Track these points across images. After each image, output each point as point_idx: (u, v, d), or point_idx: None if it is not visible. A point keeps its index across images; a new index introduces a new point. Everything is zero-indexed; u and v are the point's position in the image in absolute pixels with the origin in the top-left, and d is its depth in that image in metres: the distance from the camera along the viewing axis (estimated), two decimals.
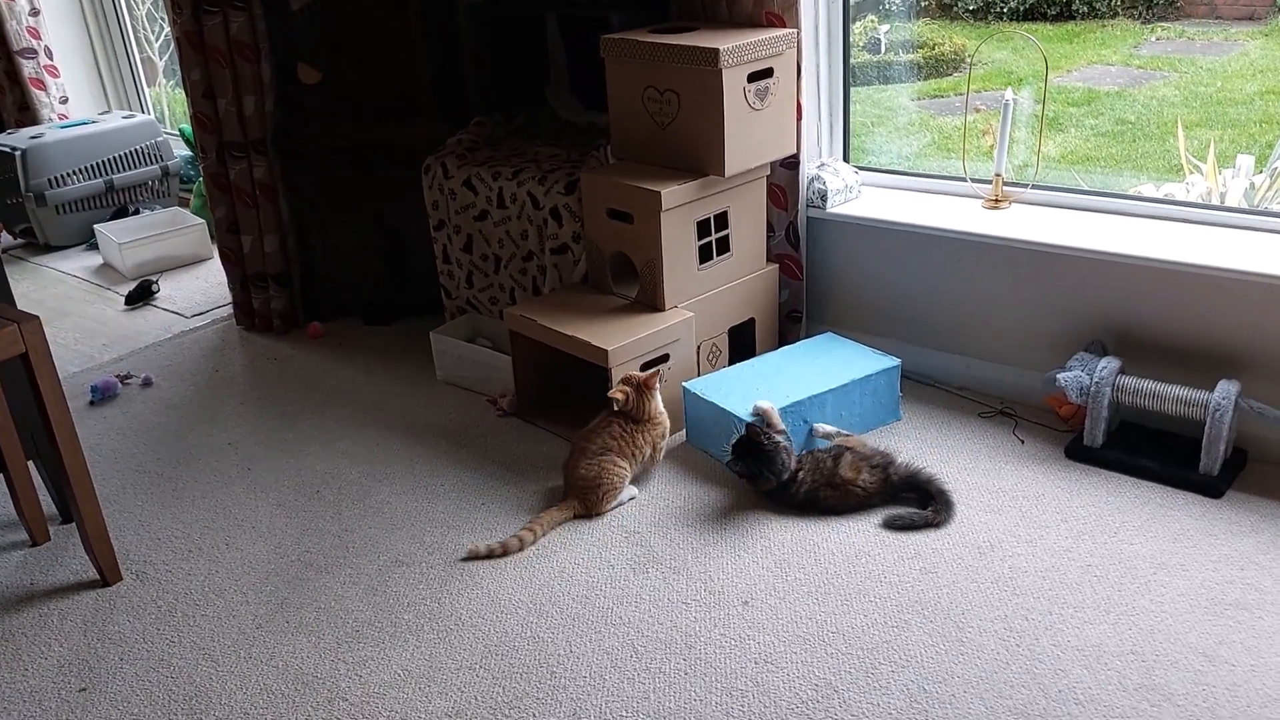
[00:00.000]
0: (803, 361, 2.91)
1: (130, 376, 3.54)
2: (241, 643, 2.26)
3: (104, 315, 4.15)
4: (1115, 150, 3.85)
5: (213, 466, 2.96)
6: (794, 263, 3.16)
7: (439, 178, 3.35)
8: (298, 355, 3.63)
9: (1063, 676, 1.99)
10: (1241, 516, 2.40)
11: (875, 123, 4.29)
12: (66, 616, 2.38)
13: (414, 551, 2.52)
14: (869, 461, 2.54)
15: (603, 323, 2.85)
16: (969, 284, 2.97)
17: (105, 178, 4.98)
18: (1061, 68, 4.14)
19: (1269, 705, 1.89)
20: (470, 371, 3.25)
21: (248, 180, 3.64)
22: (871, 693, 1.99)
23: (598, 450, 2.59)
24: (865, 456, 2.56)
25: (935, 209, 3.03)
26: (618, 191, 2.87)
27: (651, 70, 2.84)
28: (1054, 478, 2.61)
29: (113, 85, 5.85)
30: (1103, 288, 2.75)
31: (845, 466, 2.53)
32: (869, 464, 2.54)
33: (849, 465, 2.53)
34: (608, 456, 2.58)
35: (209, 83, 3.54)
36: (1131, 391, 2.60)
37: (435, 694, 2.07)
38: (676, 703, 2.00)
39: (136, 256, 4.47)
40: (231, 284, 3.85)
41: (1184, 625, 2.09)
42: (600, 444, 2.60)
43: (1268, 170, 3.22)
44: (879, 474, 2.53)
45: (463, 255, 3.41)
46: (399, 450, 2.97)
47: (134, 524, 2.71)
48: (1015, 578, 2.26)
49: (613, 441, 2.60)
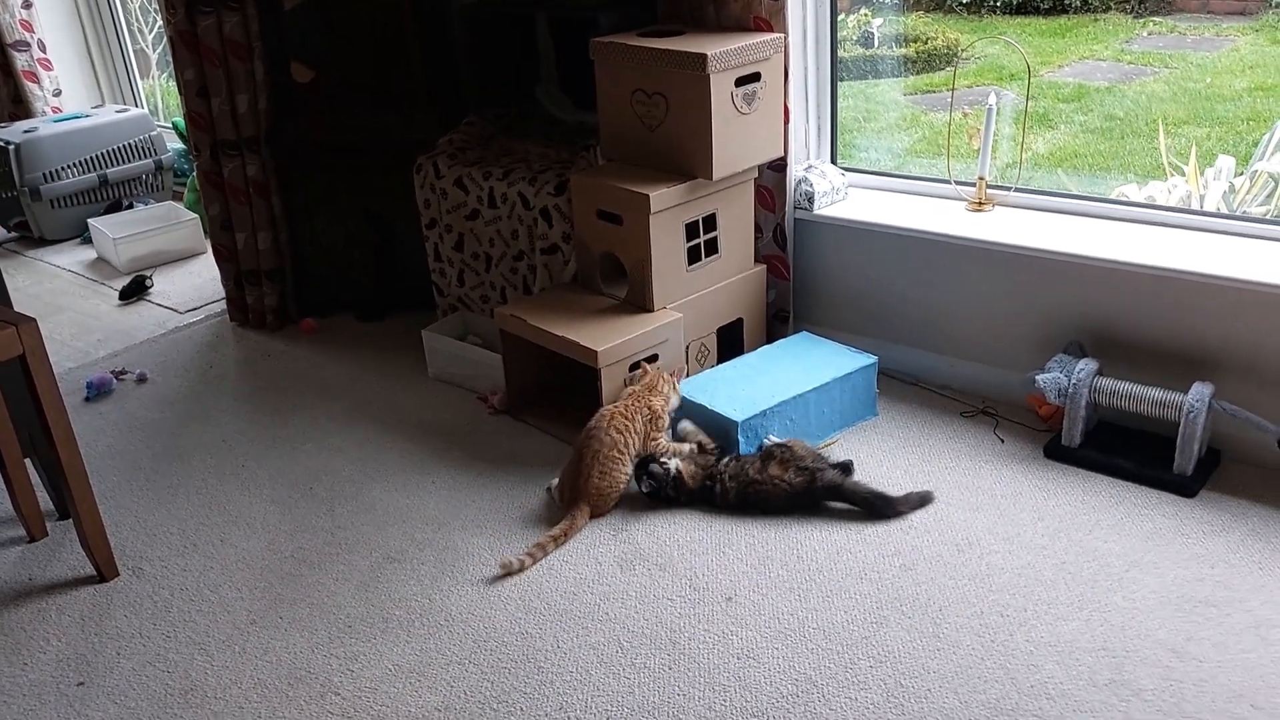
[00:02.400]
0: (782, 361, 2.96)
1: (125, 372, 3.58)
2: (236, 638, 2.31)
3: (99, 310, 4.19)
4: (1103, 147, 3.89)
5: (207, 463, 3.01)
6: (781, 263, 3.21)
7: (430, 177, 3.39)
8: (291, 351, 3.67)
9: (1035, 672, 2.05)
10: (1213, 516, 2.46)
11: (866, 118, 4.33)
12: (64, 612, 2.43)
13: (405, 548, 2.57)
14: (799, 463, 2.59)
15: (592, 323, 2.89)
16: (952, 285, 3.02)
17: (99, 172, 5.01)
18: (1053, 63, 4.18)
19: (1234, 700, 1.95)
20: (461, 369, 3.29)
21: (241, 178, 3.68)
22: (850, 687, 2.04)
23: (606, 457, 2.60)
24: (798, 457, 2.60)
25: (920, 211, 3.08)
26: (607, 193, 2.92)
27: (640, 74, 2.88)
28: (1032, 476, 2.66)
29: (106, 78, 5.87)
30: (1082, 290, 2.80)
31: (774, 464, 2.59)
32: (798, 465, 2.58)
33: (777, 463, 2.59)
34: (615, 461, 2.60)
35: (203, 82, 3.57)
36: (1109, 393, 2.66)
37: (425, 689, 2.12)
38: (661, 697, 2.05)
39: (131, 251, 4.50)
40: (225, 280, 3.88)
41: (1155, 622, 2.15)
42: (606, 448, 2.60)
43: (1248, 173, 3.27)
44: (805, 476, 2.57)
45: (454, 254, 3.45)
46: (391, 447, 3.01)
47: (130, 520, 2.76)
48: (992, 575, 2.32)
49: (619, 437, 2.61)
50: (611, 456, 2.60)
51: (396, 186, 3.53)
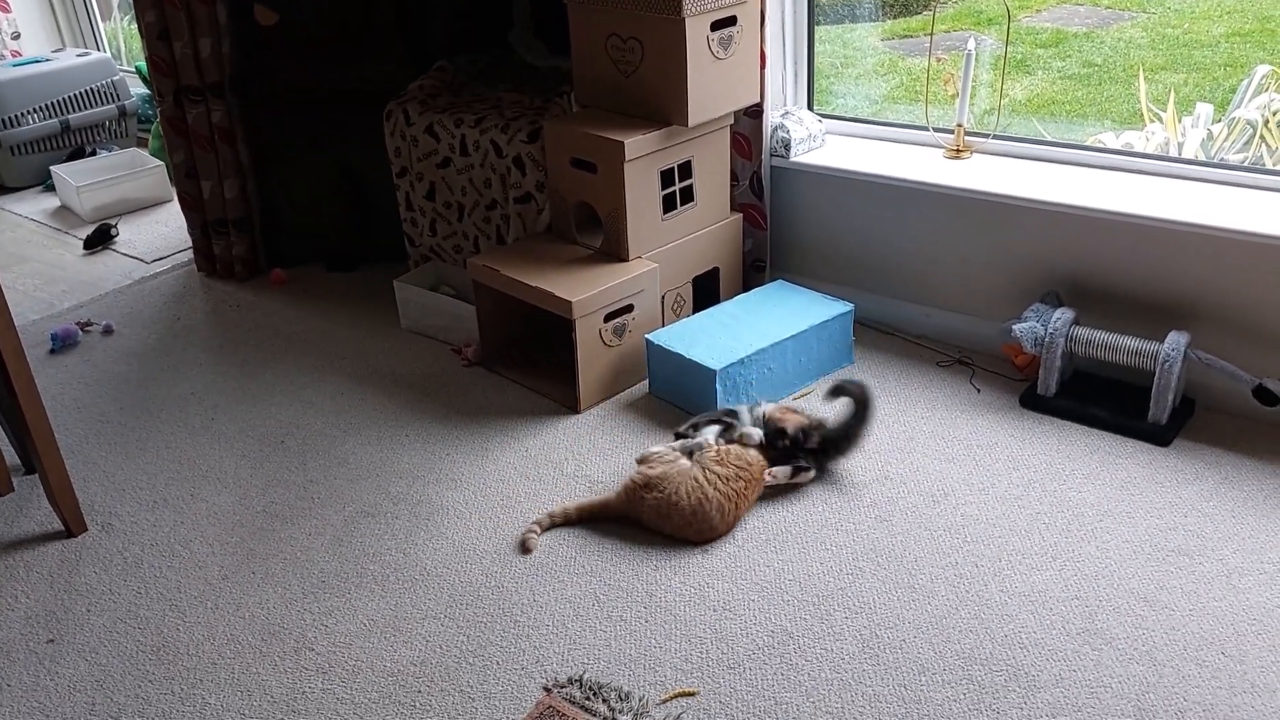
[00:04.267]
0: (759, 310, 2.94)
1: (91, 324, 3.51)
2: (208, 594, 2.28)
3: (63, 260, 4.10)
4: (1081, 94, 3.86)
5: (176, 416, 2.96)
6: (758, 212, 3.17)
7: (400, 125, 3.32)
8: (260, 302, 3.62)
9: (1009, 621, 2.06)
10: (1187, 464, 2.48)
11: (844, 64, 4.27)
12: (32, 568, 2.39)
13: (379, 502, 2.54)
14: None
15: (567, 273, 2.86)
16: (929, 234, 3.00)
17: (61, 118, 4.89)
18: (1030, 7, 4.12)
19: (1204, 648, 1.97)
20: (434, 320, 3.25)
21: (205, 125, 3.59)
22: (825, 639, 2.05)
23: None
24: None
25: (897, 159, 3.05)
26: (581, 141, 2.86)
27: (614, 18, 2.81)
28: (1008, 426, 2.66)
29: (66, 21, 5.70)
30: (1059, 239, 2.78)
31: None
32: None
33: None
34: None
35: (164, 24, 3.46)
36: (1085, 342, 2.66)
37: (400, 643, 2.11)
38: (637, 649, 2.06)
39: (95, 200, 4.41)
40: (191, 230, 3.81)
41: (1127, 571, 2.17)
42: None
43: (1226, 120, 3.25)
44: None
45: (425, 203, 3.39)
46: (363, 400, 2.98)
47: (98, 475, 2.72)
48: (966, 525, 2.33)
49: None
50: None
51: (366, 134, 3.45)
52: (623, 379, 2.92)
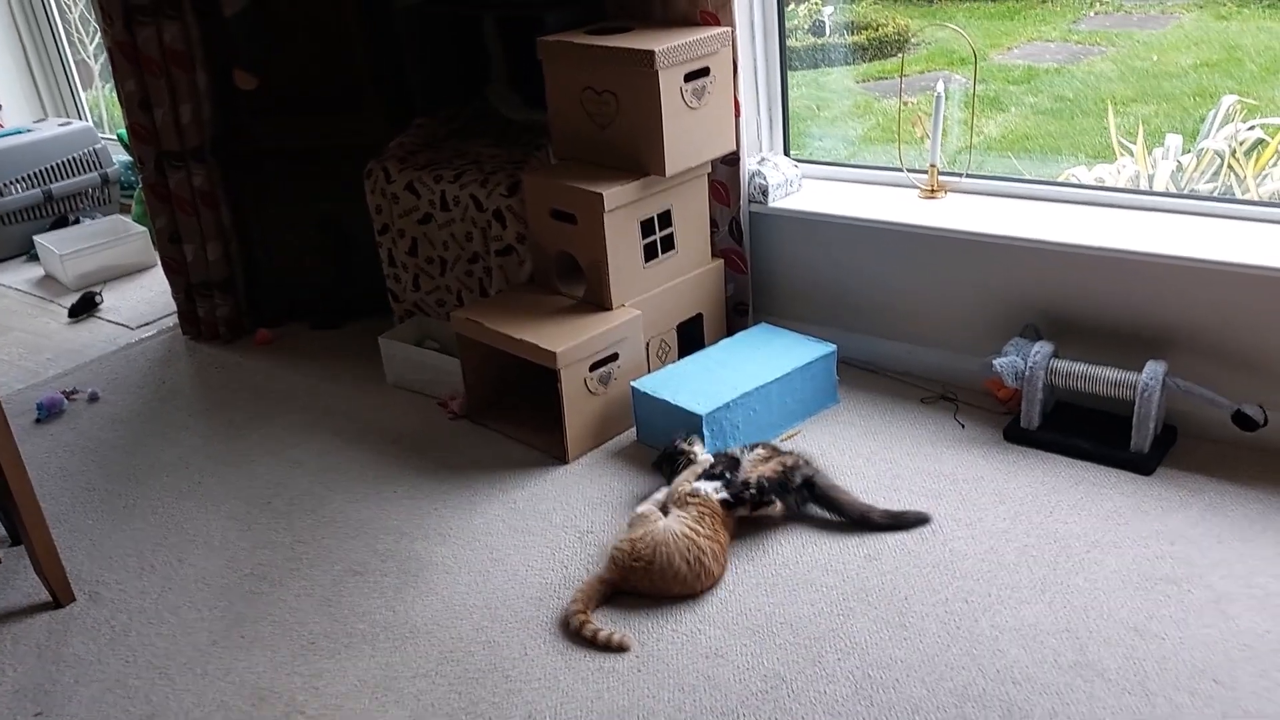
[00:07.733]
0: (743, 354, 2.96)
1: (76, 392, 3.51)
2: (197, 660, 2.27)
3: (47, 329, 4.11)
4: (1053, 128, 3.92)
5: (163, 481, 2.96)
6: (739, 257, 3.20)
7: (381, 182, 3.35)
8: (245, 363, 3.62)
9: (1000, 657, 2.06)
10: (1171, 492, 2.49)
11: (820, 106, 4.34)
12: (19, 640, 2.37)
13: (367, 560, 2.54)
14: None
15: (550, 324, 2.87)
16: (908, 273, 3.03)
17: (44, 187, 4.91)
18: (1002, 45, 4.20)
19: (1196, 677, 1.97)
20: (420, 375, 3.26)
21: (187, 189, 3.61)
22: (818, 681, 2.04)
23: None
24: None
25: (873, 200, 3.09)
26: (560, 193, 2.89)
27: (589, 72, 2.86)
28: (993, 460, 2.68)
29: (48, 91, 5.75)
30: (1035, 274, 2.82)
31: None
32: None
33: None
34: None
35: (145, 93, 3.50)
36: (1065, 374, 2.68)
37: (391, 703, 2.09)
38: (630, 700, 2.04)
39: (78, 267, 4.42)
40: (176, 294, 3.82)
41: (1116, 601, 2.17)
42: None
43: (1194, 151, 3.31)
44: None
45: (408, 259, 3.41)
46: (350, 457, 2.98)
47: (85, 543, 2.71)
48: (955, 561, 2.33)
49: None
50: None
51: (347, 192, 3.48)
52: (610, 427, 2.93)
